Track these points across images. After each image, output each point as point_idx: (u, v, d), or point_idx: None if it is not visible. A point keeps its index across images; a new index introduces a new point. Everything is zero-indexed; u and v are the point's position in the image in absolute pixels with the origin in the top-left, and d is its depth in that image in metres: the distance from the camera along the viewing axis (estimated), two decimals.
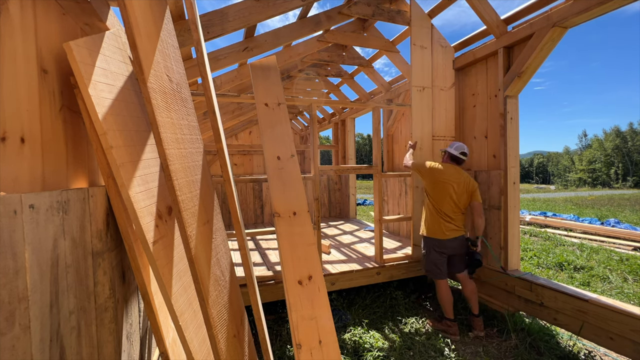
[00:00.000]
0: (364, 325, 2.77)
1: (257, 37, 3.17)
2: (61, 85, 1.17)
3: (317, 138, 2.90)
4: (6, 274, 0.81)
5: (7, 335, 0.80)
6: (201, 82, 1.57)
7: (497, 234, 3.03)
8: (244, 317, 1.67)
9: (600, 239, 6.78)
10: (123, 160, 1.19)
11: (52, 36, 1.13)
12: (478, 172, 3.25)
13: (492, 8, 2.92)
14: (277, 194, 1.91)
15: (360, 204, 14.36)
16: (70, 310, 1.04)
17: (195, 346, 1.28)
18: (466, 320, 2.87)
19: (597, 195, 23.03)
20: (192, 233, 1.23)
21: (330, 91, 6.18)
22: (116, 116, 1.23)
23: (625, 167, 54.10)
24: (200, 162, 1.52)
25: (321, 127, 7.57)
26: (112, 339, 1.29)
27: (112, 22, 1.51)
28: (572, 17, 2.32)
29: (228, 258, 1.63)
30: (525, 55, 2.70)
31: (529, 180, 79.89)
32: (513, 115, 2.95)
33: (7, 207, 0.81)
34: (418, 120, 3.36)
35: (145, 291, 1.36)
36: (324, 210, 6.91)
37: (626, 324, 2.04)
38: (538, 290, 2.60)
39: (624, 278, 4.18)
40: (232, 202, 1.61)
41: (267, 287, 2.70)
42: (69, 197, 1.06)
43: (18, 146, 0.94)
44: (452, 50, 3.52)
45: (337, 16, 3.31)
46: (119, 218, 1.33)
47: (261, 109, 2.11)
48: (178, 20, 2.32)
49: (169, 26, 1.43)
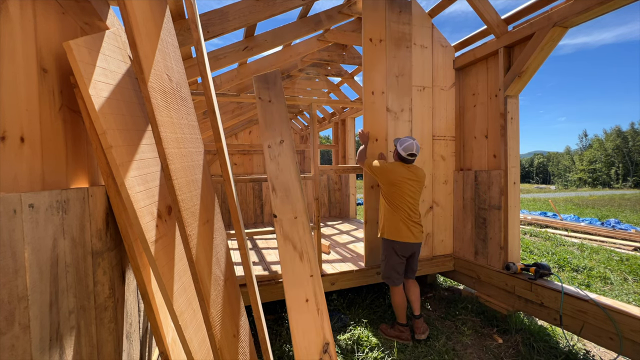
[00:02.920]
0: (364, 325, 2.77)
1: (257, 37, 3.17)
2: (61, 84, 1.16)
3: (317, 138, 2.90)
4: (6, 274, 0.80)
5: (7, 334, 0.80)
6: (201, 82, 1.57)
7: (497, 234, 3.03)
8: (244, 317, 1.67)
9: (601, 239, 6.78)
10: (123, 160, 1.18)
11: (51, 35, 1.13)
12: (478, 172, 3.24)
13: (493, 8, 2.92)
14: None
15: (360, 204, 14.35)
16: (70, 310, 1.04)
17: (195, 346, 1.28)
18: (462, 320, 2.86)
19: (597, 195, 23.03)
20: (192, 233, 1.23)
21: (330, 91, 6.18)
22: (116, 115, 1.23)
23: (626, 167, 54.06)
24: (200, 161, 1.52)
25: (321, 127, 7.56)
26: (112, 338, 1.29)
27: (112, 22, 1.51)
28: (573, 17, 2.32)
29: (228, 258, 1.63)
30: (525, 55, 2.69)
31: (529, 180, 79.86)
32: (513, 115, 2.95)
33: (6, 207, 0.81)
34: (418, 119, 3.36)
35: (145, 291, 1.36)
36: (323, 210, 6.90)
37: (626, 324, 2.04)
38: (538, 290, 2.60)
39: (624, 278, 4.18)
40: (232, 202, 1.61)
41: (266, 287, 2.70)
42: (68, 196, 1.06)
43: (18, 145, 0.94)
44: (453, 50, 3.52)
45: (337, 15, 3.31)
46: (119, 217, 1.33)
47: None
48: (178, 19, 2.32)
49: (169, 25, 1.43)
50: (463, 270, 3.41)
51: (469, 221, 3.37)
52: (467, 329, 2.73)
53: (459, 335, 2.64)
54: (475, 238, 3.29)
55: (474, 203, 3.29)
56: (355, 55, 4.66)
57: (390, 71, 3.21)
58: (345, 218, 6.74)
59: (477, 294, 3.21)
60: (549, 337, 2.53)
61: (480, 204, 3.21)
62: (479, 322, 2.84)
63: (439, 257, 3.49)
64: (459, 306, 3.09)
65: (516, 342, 2.49)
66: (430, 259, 3.43)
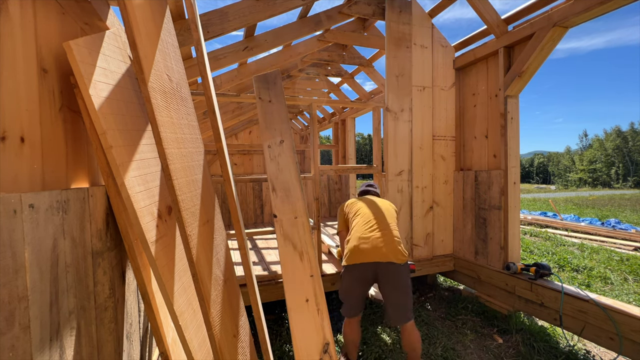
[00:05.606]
0: (364, 325, 2.77)
1: (257, 37, 3.16)
2: (61, 84, 1.16)
3: (317, 138, 2.89)
4: (6, 274, 0.80)
5: (7, 335, 0.80)
6: (201, 82, 1.57)
7: (497, 234, 3.03)
8: (244, 317, 1.67)
9: (601, 239, 6.77)
10: (123, 160, 1.18)
11: (52, 36, 1.13)
12: (478, 172, 3.24)
13: (493, 7, 2.92)
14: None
15: None
16: (70, 310, 1.04)
17: (195, 346, 1.28)
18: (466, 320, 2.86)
19: (597, 195, 23.02)
20: (192, 233, 1.23)
21: (330, 91, 6.18)
22: (116, 115, 1.23)
23: (626, 167, 54.01)
24: (200, 161, 1.52)
25: (321, 127, 7.56)
26: (112, 338, 1.29)
27: (112, 22, 1.51)
28: (573, 16, 2.31)
29: (228, 258, 1.63)
30: (525, 55, 2.69)
31: (530, 180, 79.79)
32: (513, 115, 2.95)
33: (6, 207, 0.81)
34: (418, 120, 3.36)
35: (145, 291, 1.36)
36: (323, 210, 6.90)
37: (626, 324, 2.04)
38: (538, 290, 2.60)
39: (625, 278, 4.18)
40: (232, 202, 1.61)
41: (266, 287, 2.70)
42: (68, 196, 1.06)
43: (18, 146, 0.94)
44: (453, 50, 3.52)
45: (337, 15, 3.30)
46: (119, 218, 1.33)
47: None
48: (178, 19, 2.32)
49: (169, 25, 1.43)
50: (463, 270, 3.41)
51: (469, 221, 3.37)
52: (467, 329, 2.73)
53: (459, 336, 2.64)
54: (475, 238, 3.29)
55: (474, 203, 3.29)
56: (355, 55, 4.65)
57: (390, 71, 3.21)
58: None
59: (477, 294, 3.21)
60: (549, 337, 2.53)
61: (481, 204, 3.21)
62: (479, 322, 2.84)
63: (439, 257, 3.49)
64: (459, 306, 3.09)
65: (516, 342, 2.49)
66: (430, 259, 3.43)
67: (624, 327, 2.05)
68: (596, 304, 2.20)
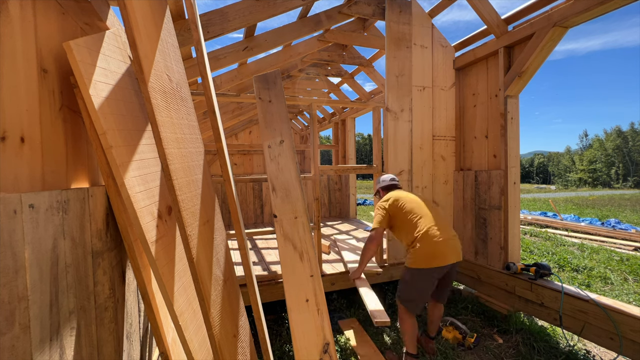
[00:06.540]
0: (364, 324, 2.77)
1: (257, 37, 3.16)
2: (61, 84, 1.16)
3: (317, 138, 2.90)
4: (6, 274, 0.80)
5: (7, 335, 0.80)
6: (201, 82, 1.57)
7: (497, 234, 3.03)
8: (244, 317, 1.67)
9: (601, 239, 6.77)
10: (123, 160, 1.18)
11: (52, 36, 1.13)
12: (478, 172, 3.24)
13: (493, 7, 2.92)
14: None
15: (360, 204, 14.35)
16: (70, 310, 1.04)
17: (195, 346, 1.28)
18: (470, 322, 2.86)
19: (597, 195, 23.01)
20: (192, 233, 1.23)
21: (330, 91, 6.18)
22: (116, 115, 1.23)
23: (626, 167, 54.01)
24: (200, 161, 1.52)
25: (321, 127, 7.56)
26: (112, 338, 1.29)
27: (112, 22, 1.51)
28: (573, 16, 2.31)
29: (228, 258, 1.63)
30: (525, 55, 2.69)
31: (530, 180, 79.74)
32: (514, 115, 2.95)
33: (6, 207, 0.81)
34: (418, 120, 3.36)
35: (145, 291, 1.36)
36: (323, 210, 6.90)
37: (626, 324, 2.04)
38: (538, 290, 2.60)
39: (625, 278, 4.18)
40: (232, 202, 1.61)
41: (266, 287, 2.70)
42: (68, 196, 1.06)
43: (18, 146, 0.94)
44: (453, 50, 3.52)
45: (337, 16, 3.30)
46: (119, 218, 1.33)
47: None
48: (178, 19, 2.31)
49: (169, 25, 1.43)
50: (463, 270, 3.41)
51: (469, 221, 3.37)
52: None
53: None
54: (475, 238, 3.29)
55: (474, 203, 3.29)
56: (355, 55, 4.66)
57: (390, 71, 3.21)
58: (346, 218, 6.74)
59: (477, 294, 3.21)
60: (549, 337, 2.53)
61: (481, 204, 3.21)
62: (479, 322, 2.84)
63: None
64: (459, 306, 3.09)
65: (516, 342, 2.49)
66: None
67: (624, 327, 2.05)
68: (596, 304, 2.20)
